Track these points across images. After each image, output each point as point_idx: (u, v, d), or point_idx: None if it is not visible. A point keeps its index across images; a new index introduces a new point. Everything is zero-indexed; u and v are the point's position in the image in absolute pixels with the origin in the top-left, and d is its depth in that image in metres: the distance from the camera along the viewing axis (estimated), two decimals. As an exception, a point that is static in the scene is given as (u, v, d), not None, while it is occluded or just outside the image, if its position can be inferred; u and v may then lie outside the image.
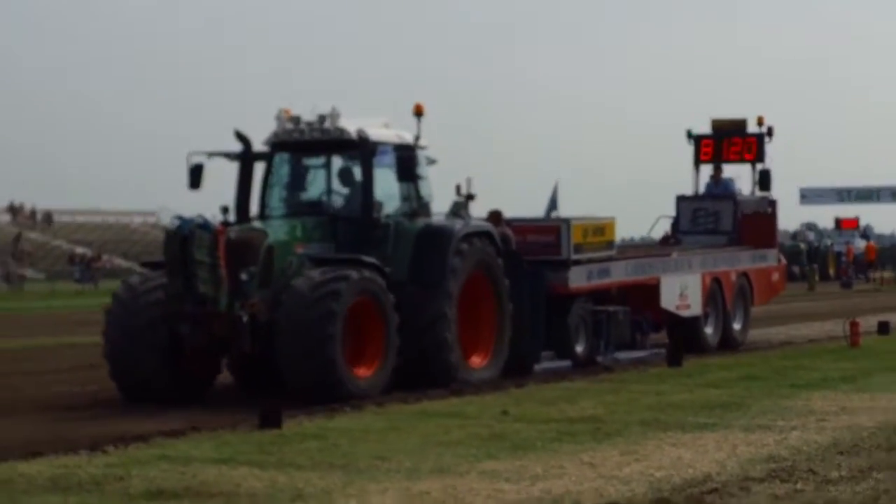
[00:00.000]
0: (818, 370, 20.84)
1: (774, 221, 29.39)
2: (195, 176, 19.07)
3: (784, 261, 31.01)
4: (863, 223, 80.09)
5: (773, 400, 17.01)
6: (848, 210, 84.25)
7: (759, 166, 28.83)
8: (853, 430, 14.24)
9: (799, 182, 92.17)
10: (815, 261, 67.98)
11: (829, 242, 73.40)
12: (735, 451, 12.91)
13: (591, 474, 11.65)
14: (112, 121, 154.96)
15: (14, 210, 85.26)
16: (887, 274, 69.24)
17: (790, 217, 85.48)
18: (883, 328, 28.36)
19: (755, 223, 28.27)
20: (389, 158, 18.97)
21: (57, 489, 11.12)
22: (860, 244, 73.20)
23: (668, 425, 14.74)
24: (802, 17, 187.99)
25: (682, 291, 24.58)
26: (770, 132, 28.85)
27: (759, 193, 28.87)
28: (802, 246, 71.04)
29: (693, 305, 24.85)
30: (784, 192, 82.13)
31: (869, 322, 28.00)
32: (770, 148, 28.88)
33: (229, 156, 19.36)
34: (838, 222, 79.68)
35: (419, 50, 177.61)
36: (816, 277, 64.13)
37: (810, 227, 79.52)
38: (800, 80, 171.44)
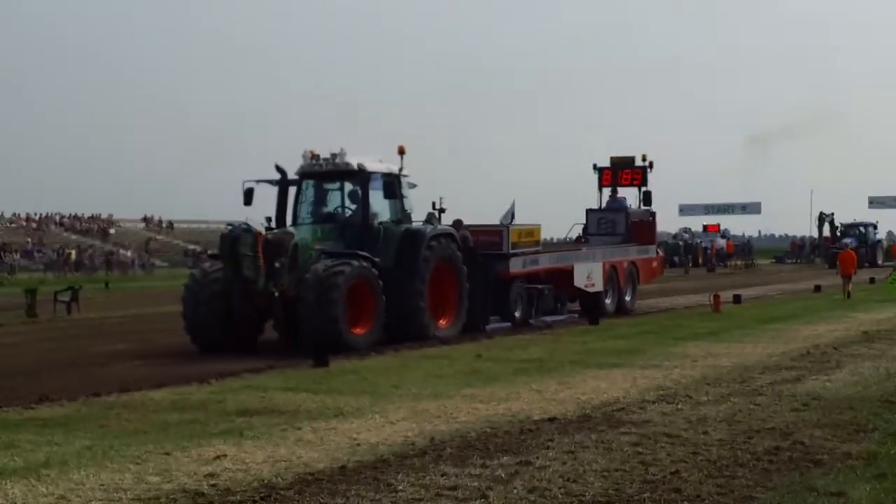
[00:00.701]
0: (692, 327, 20.83)
1: (654, 227, 29.06)
2: (248, 196, 18.88)
3: (661, 253, 30.33)
4: (722, 228, 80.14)
5: (661, 347, 17.00)
6: (712, 219, 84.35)
7: (643, 189, 28.59)
8: (716, 368, 14.28)
9: (678, 199, 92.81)
10: (689, 253, 68.02)
11: (699, 241, 73.35)
12: (635, 382, 12.94)
13: (538, 398, 11.70)
14: (214, 158, 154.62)
15: (147, 220, 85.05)
16: (739, 262, 69.47)
17: (672, 223, 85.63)
18: (737, 299, 28.38)
19: (641, 228, 28.08)
20: (380, 183, 18.90)
21: (175, 409, 11.17)
22: (721, 242, 73.21)
23: (589, 364, 14.75)
24: (687, 79, 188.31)
25: (588, 274, 24.37)
26: (651, 165, 28.55)
27: (643, 208, 28.61)
28: (680, 243, 70.95)
29: (597, 284, 24.63)
30: (667, 207, 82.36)
31: (727, 295, 28.00)
32: (651, 176, 28.63)
33: (271, 182, 19.26)
34: (705, 227, 79.59)
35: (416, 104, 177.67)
36: (690, 265, 64.32)
37: (686, 230, 79.24)
38: (681, 129, 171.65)
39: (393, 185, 18.96)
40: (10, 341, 20.40)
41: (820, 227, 73.97)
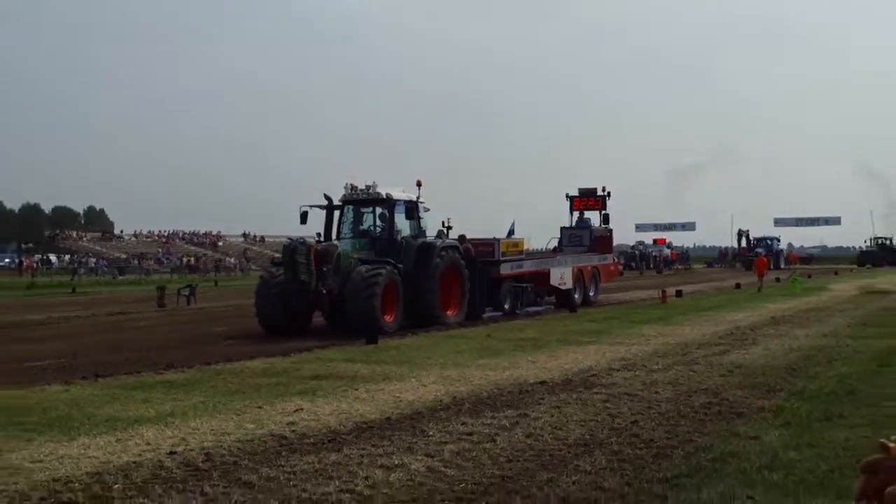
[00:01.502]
0: (645, 314, 20.67)
1: (611, 240, 28.63)
2: (303, 218, 18.56)
3: (618, 260, 29.30)
4: (667, 241, 79.87)
5: (623, 329, 16.87)
6: (659, 234, 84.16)
7: (603, 212, 28.30)
8: (665, 344, 14.16)
9: (634, 220, 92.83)
10: (643, 260, 67.80)
11: (650, 251, 73.03)
12: (604, 355, 12.82)
13: (533, 367, 11.60)
14: (295, 191, 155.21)
15: (245, 235, 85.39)
16: (680, 266, 69.13)
17: (630, 237, 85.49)
18: (679, 293, 28.17)
19: (601, 241, 27.62)
20: (403, 208, 18.64)
21: (265, 375, 11.14)
22: (667, 251, 72.98)
23: (570, 342, 14.65)
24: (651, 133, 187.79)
25: (561, 275, 23.87)
26: (609, 194, 28.26)
27: (603, 226, 28.21)
28: (636, 252, 70.83)
29: (567, 283, 23.94)
30: (626, 225, 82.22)
31: (671, 290, 27.81)
32: (610, 202, 28.35)
33: (321, 207, 19.01)
34: (655, 240, 79.51)
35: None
36: (644, 268, 64.10)
37: (640, 242, 78.91)
38: (631, 166, 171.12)
39: (413, 209, 18.71)
40: (145, 324, 20.51)
41: (739, 240, 73.69)
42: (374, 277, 16.58)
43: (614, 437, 7.25)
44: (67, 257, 63.85)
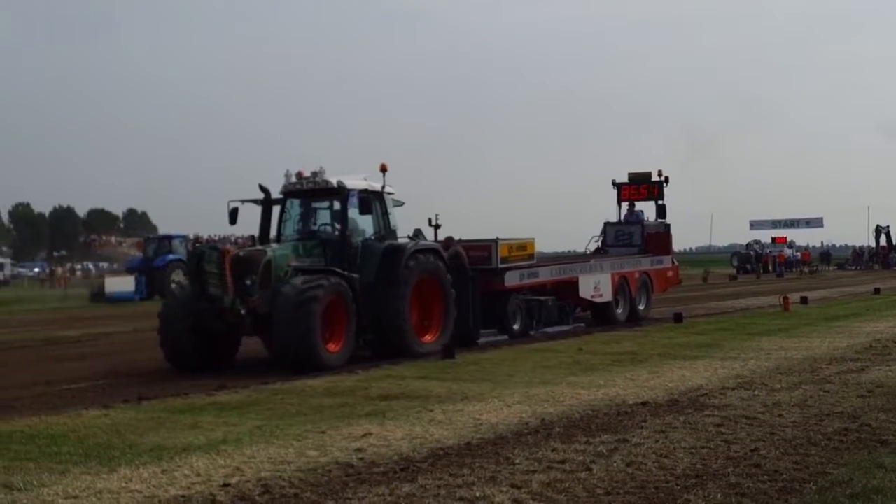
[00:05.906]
0: (764, 325, 20.20)
1: (669, 238, 25.39)
2: (233, 216, 16.19)
3: (676, 262, 26.28)
4: (789, 239, 78.07)
5: (737, 342, 16.52)
6: (779, 232, 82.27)
7: (659, 202, 25.86)
8: (788, 359, 13.82)
9: (748, 216, 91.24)
10: (759, 261, 66.43)
11: (768, 251, 71.48)
12: (716, 371, 12.62)
13: (632, 385, 11.51)
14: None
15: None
16: (805, 270, 67.47)
17: (744, 236, 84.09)
18: (804, 300, 27.42)
19: (656, 239, 25.23)
20: (356, 200, 15.78)
21: (329, 394, 11.32)
22: (788, 251, 71.25)
23: (675, 356, 14.44)
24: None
25: (595, 285, 21.32)
26: (667, 180, 25.75)
27: (658, 220, 25.86)
28: (752, 253, 69.44)
29: (605, 294, 21.58)
30: (739, 221, 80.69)
31: (794, 297, 27.12)
32: (667, 190, 25.77)
33: (256, 202, 16.54)
34: (773, 239, 77.81)
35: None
36: (761, 271, 62.79)
37: (756, 241, 77.23)
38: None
39: (369, 202, 15.81)
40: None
41: (877, 237, 71.64)
42: (310, 293, 14.14)
43: (731, 467, 7.13)
44: (105, 265, 65.81)
